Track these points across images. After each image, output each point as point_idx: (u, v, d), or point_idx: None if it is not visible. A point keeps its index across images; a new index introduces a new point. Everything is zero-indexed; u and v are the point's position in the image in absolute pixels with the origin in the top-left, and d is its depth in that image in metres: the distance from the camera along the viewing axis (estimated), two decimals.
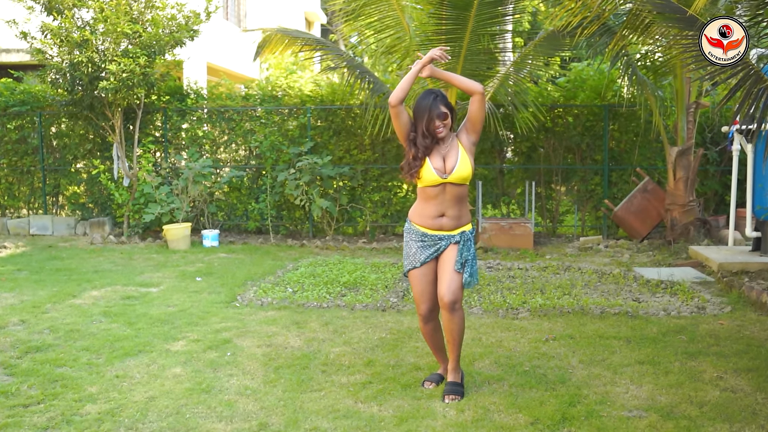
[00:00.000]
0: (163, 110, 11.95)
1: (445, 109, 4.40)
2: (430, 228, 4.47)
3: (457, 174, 4.38)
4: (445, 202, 4.43)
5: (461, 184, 4.43)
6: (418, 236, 4.51)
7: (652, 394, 4.51)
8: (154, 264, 9.13)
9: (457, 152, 4.43)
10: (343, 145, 11.65)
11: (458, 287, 4.39)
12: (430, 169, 4.38)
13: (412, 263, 4.53)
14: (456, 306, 4.38)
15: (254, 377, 4.81)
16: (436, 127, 4.39)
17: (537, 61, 10.52)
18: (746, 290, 7.00)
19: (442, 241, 4.46)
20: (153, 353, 5.33)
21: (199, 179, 11.04)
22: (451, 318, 4.39)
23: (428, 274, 4.50)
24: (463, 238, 4.45)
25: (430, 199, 4.46)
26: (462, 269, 4.41)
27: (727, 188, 11.19)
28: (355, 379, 4.78)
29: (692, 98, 10.00)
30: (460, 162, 4.40)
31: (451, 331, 4.43)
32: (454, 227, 4.46)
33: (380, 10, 9.73)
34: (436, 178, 4.37)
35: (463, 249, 4.43)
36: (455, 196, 4.44)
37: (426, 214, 4.48)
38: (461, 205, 4.48)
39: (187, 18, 10.98)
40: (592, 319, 6.32)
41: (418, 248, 4.50)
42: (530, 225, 10.34)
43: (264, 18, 21.66)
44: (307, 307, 6.78)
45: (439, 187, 4.40)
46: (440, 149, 4.45)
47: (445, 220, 4.45)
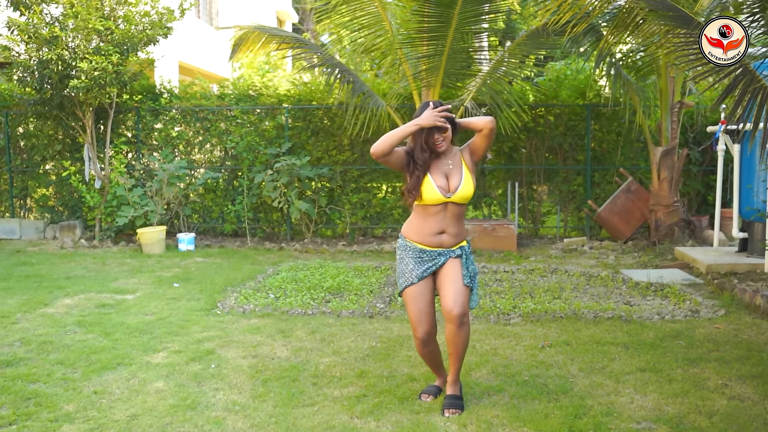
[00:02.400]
0: (136, 110, 11.62)
1: (446, 123, 4.18)
2: (429, 245, 4.23)
3: (460, 194, 4.19)
4: (446, 220, 4.22)
5: (463, 203, 4.25)
6: (415, 252, 4.25)
7: (659, 403, 4.34)
8: (129, 269, 8.82)
9: (461, 171, 4.23)
10: (321, 146, 11.40)
11: (465, 300, 4.16)
12: (433, 187, 4.16)
13: (408, 280, 4.22)
14: (464, 319, 4.13)
15: (242, 391, 4.56)
16: (435, 140, 4.17)
17: (520, 60, 10.38)
18: (739, 292, 6.88)
19: (441, 257, 4.22)
20: (132, 366, 5.05)
21: (174, 181, 10.73)
22: (458, 332, 4.13)
23: (426, 294, 4.23)
24: (464, 252, 4.26)
25: (430, 216, 4.23)
26: (471, 283, 4.21)
27: (710, 188, 11.14)
28: (349, 392, 4.55)
29: (676, 98, 9.91)
30: (464, 182, 4.20)
31: (456, 344, 4.18)
32: (453, 244, 4.24)
33: (361, 7, 9.52)
34: (439, 197, 4.16)
35: (468, 262, 4.25)
36: (456, 214, 4.24)
37: (425, 231, 4.23)
38: (460, 222, 4.30)
39: (161, 15, 10.66)
40: (587, 324, 6.15)
41: (415, 264, 4.23)
42: (513, 226, 10.18)
43: (236, 17, 21.31)
44: (292, 314, 6.53)
45: (441, 205, 4.20)
46: (442, 165, 4.24)
47: (446, 238, 4.22)
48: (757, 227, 8.34)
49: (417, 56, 9.62)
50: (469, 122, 4.25)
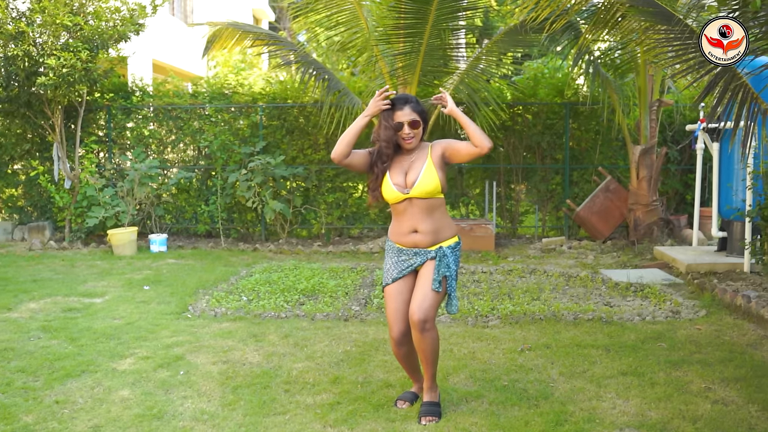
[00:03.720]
0: (107, 108, 11.37)
1: (417, 116, 4.02)
2: (405, 245, 4.09)
3: (419, 189, 3.98)
4: (414, 217, 4.02)
5: (429, 198, 4.03)
6: (395, 252, 4.14)
7: (641, 408, 4.21)
8: (98, 271, 8.58)
9: (422, 164, 4.03)
10: (296, 145, 11.22)
11: (431, 306, 3.96)
12: (389, 186, 4.03)
13: (386, 279, 4.14)
14: (427, 326, 3.94)
15: (211, 399, 4.38)
16: (405, 135, 4.01)
17: (497, 58, 10.26)
18: (719, 293, 6.80)
19: (418, 257, 4.06)
20: (98, 373, 4.84)
21: (146, 181, 10.50)
22: (421, 338, 3.96)
23: (404, 292, 4.08)
24: (438, 254, 4.02)
25: (399, 215, 4.09)
26: (439, 288, 3.98)
27: (688, 187, 11.09)
28: (322, 399, 4.38)
29: (655, 96, 9.84)
30: (423, 175, 3.99)
31: (423, 351, 4.02)
32: (430, 243, 4.04)
33: (337, 4, 9.35)
34: (397, 194, 4.01)
35: (440, 265, 4.00)
36: (425, 209, 4.03)
37: (399, 231, 4.10)
38: (435, 218, 4.05)
39: (132, 11, 10.40)
40: (566, 326, 6.03)
41: (393, 263, 4.12)
42: (491, 226, 10.06)
43: (211, 14, 21.07)
44: (265, 317, 6.35)
45: (405, 202, 4.02)
46: (403, 161, 4.08)
47: (419, 237, 4.03)
48: (736, 226, 8.28)
49: (393, 53, 9.48)
50: (467, 126, 4.00)
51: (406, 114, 4.00)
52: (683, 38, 6.04)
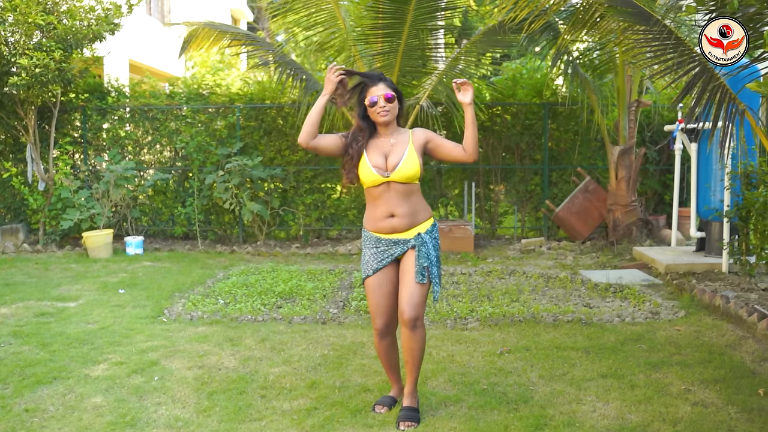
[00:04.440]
0: (82, 109, 11.21)
1: (392, 91, 3.97)
2: (383, 232, 4.02)
3: (400, 173, 3.93)
4: (392, 201, 3.97)
5: (407, 183, 3.99)
6: (373, 242, 4.06)
7: (622, 411, 4.18)
8: (73, 275, 8.44)
9: (404, 149, 3.98)
10: (274, 146, 11.12)
11: (420, 301, 3.94)
12: (368, 168, 3.95)
13: (366, 271, 4.07)
14: (418, 323, 3.93)
15: (185, 405, 4.29)
16: (380, 108, 3.94)
17: (476, 58, 10.22)
18: (698, 293, 6.80)
19: (397, 246, 4.00)
20: (70, 380, 4.74)
21: (122, 182, 10.35)
22: (411, 336, 3.93)
23: (384, 285, 4.03)
24: (418, 242, 3.98)
25: (375, 199, 4.02)
26: (424, 279, 3.95)
27: (666, 187, 11.12)
28: (299, 404, 4.31)
29: (633, 96, 9.85)
30: (406, 159, 3.94)
31: (411, 350, 3.97)
32: (408, 226, 3.99)
33: (315, 3, 9.27)
34: (377, 177, 3.94)
35: (419, 255, 3.96)
36: (402, 193, 3.98)
37: (375, 216, 4.03)
38: (412, 201, 4.01)
39: (107, 10, 10.25)
40: (546, 328, 5.99)
41: (372, 255, 4.05)
42: (470, 227, 10.02)
43: (189, 14, 20.87)
44: (241, 321, 6.26)
45: (382, 186, 3.96)
46: (382, 144, 4.02)
47: (396, 221, 3.97)
48: (714, 227, 8.29)
49: (371, 54, 9.42)
50: (471, 129, 3.91)
51: (380, 89, 3.96)
52: (661, 38, 6.03)
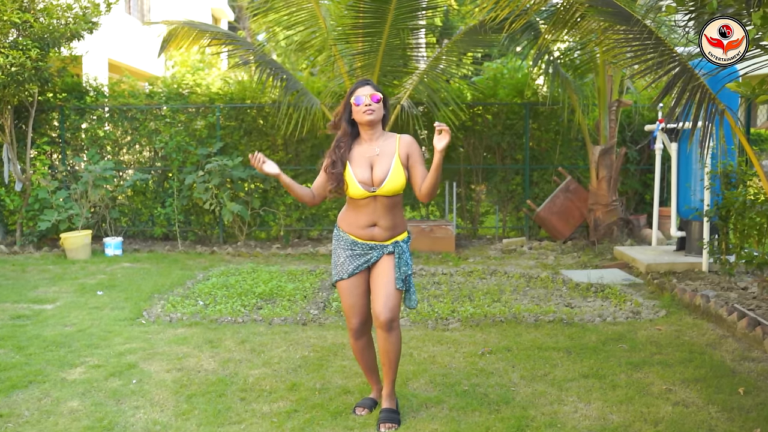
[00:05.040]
0: (60, 108, 11.07)
1: (378, 93, 3.94)
2: (360, 237, 3.99)
3: (387, 188, 3.90)
4: (377, 212, 3.95)
5: (394, 195, 3.97)
6: (348, 244, 4.02)
7: (603, 412, 4.17)
8: (50, 277, 8.34)
9: (391, 161, 3.93)
10: (254, 146, 11.05)
11: (396, 304, 3.93)
12: (354, 183, 3.91)
13: (340, 274, 4.03)
14: (393, 325, 3.92)
15: (164, 409, 4.24)
16: (365, 106, 3.88)
17: (457, 57, 10.20)
18: (679, 292, 6.81)
19: (374, 251, 3.98)
20: (46, 384, 4.66)
21: (100, 183, 10.24)
22: (387, 338, 3.92)
23: (359, 286, 4.02)
24: (397, 250, 3.97)
25: (360, 208, 3.98)
26: (403, 286, 3.96)
27: (647, 187, 11.15)
28: (279, 407, 4.26)
29: (614, 96, 9.87)
30: (392, 174, 3.90)
31: (388, 352, 3.95)
32: (387, 238, 3.99)
33: (296, 3, 9.21)
34: (362, 192, 3.91)
35: (400, 263, 3.97)
36: (387, 205, 3.96)
37: (355, 223, 4.00)
38: (395, 214, 4.00)
39: (85, 9, 10.13)
40: (527, 328, 5.98)
41: (347, 258, 4.01)
42: (452, 227, 10.01)
43: (169, 13, 20.73)
44: (221, 322, 6.21)
45: (369, 198, 3.93)
46: (366, 152, 3.97)
47: (377, 231, 3.97)
48: (694, 226, 8.33)
49: (352, 53, 9.38)
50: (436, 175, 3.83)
51: (366, 90, 3.93)
52: (642, 38, 6.04)
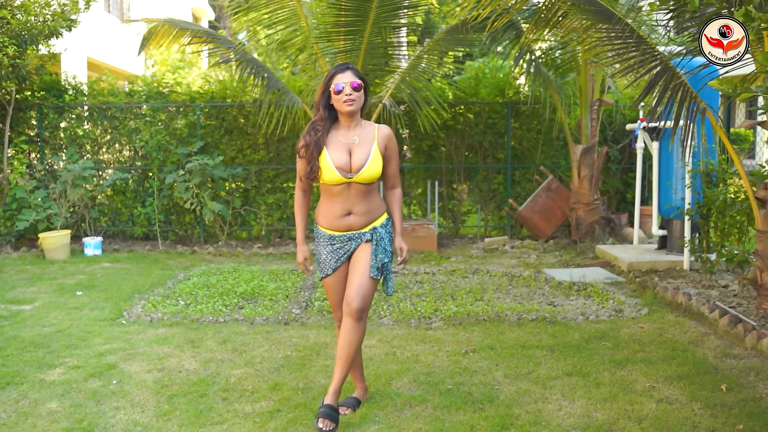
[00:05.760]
0: (38, 107, 10.95)
1: (358, 79, 3.85)
2: (337, 230, 3.95)
3: (365, 174, 3.87)
4: (351, 199, 3.91)
5: (369, 183, 3.93)
6: (326, 240, 4.00)
7: (587, 410, 4.17)
8: (29, 277, 8.23)
9: (370, 149, 3.90)
10: (235, 145, 10.98)
11: (369, 293, 3.89)
12: (330, 168, 3.84)
13: (324, 270, 4.02)
14: (363, 315, 3.88)
15: (145, 410, 4.19)
16: (346, 95, 3.81)
17: (439, 56, 10.19)
18: (661, 290, 6.83)
19: (353, 242, 3.96)
20: (24, 385, 4.59)
21: (80, 182, 10.14)
22: (355, 327, 3.85)
23: (343, 281, 4.02)
24: (375, 236, 3.93)
25: (333, 196, 3.93)
26: (378, 275, 3.93)
27: (628, 186, 11.20)
28: (261, 407, 4.22)
29: (596, 95, 9.90)
30: (371, 160, 3.88)
31: (350, 343, 3.86)
32: (364, 224, 3.95)
33: (276, 1, 9.16)
34: (338, 178, 3.85)
35: (377, 250, 3.92)
36: (362, 191, 3.92)
37: (331, 213, 3.95)
38: (370, 199, 3.96)
39: (64, 6, 10.02)
40: (510, 326, 5.97)
41: (328, 254, 3.99)
42: (433, 226, 9.99)
43: (148, 12, 20.59)
44: (202, 322, 6.15)
45: (343, 185, 3.89)
46: (345, 138, 3.91)
47: (353, 219, 3.93)
48: (676, 224, 8.37)
49: (334, 51, 9.34)
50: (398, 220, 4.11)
51: (347, 77, 3.84)
52: (624, 37, 6.06)
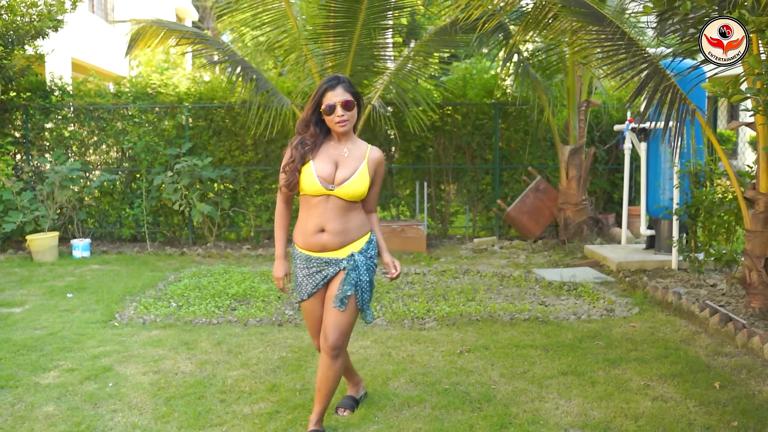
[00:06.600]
0: (24, 108, 10.87)
1: (350, 96, 3.66)
2: (313, 250, 3.71)
3: (346, 190, 3.64)
4: (325, 215, 3.66)
5: (349, 200, 3.70)
6: (303, 262, 3.77)
7: (584, 408, 4.20)
8: (17, 279, 8.18)
9: (359, 165, 3.69)
10: (223, 146, 10.95)
11: (346, 330, 3.70)
12: (312, 177, 3.62)
13: (301, 295, 3.83)
14: (340, 352, 3.71)
15: (143, 412, 4.18)
16: (338, 117, 3.63)
17: (425, 58, 10.21)
18: (651, 290, 6.89)
19: (330, 267, 3.70)
20: (18, 389, 4.57)
21: (67, 184, 10.08)
22: (331, 365, 3.70)
23: (318, 308, 3.80)
24: (350, 265, 3.68)
25: (310, 209, 3.70)
26: (342, 307, 3.67)
27: (615, 186, 11.28)
28: (260, 408, 4.23)
29: (583, 96, 9.96)
30: (357, 177, 3.66)
31: (327, 379, 3.72)
32: (339, 245, 3.69)
33: (262, 3, 9.16)
34: (318, 188, 3.63)
35: (346, 280, 3.67)
36: (340, 208, 3.67)
37: (305, 230, 3.71)
38: (348, 218, 3.70)
39: (50, 6, 9.96)
40: (503, 326, 6.01)
41: (304, 277, 3.77)
42: (423, 227, 10.02)
43: (132, 12, 20.47)
44: (196, 323, 6.14)
45: (322, 197, 3.66)
46: (334, 151, 3.72)
47: (326, 237, 3.67)
48: (664, 224, 8.44)
49: (323, 53, 9.35)
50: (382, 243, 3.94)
51: (338, 94, 3.63)
52: (614, 39, 6.11)
